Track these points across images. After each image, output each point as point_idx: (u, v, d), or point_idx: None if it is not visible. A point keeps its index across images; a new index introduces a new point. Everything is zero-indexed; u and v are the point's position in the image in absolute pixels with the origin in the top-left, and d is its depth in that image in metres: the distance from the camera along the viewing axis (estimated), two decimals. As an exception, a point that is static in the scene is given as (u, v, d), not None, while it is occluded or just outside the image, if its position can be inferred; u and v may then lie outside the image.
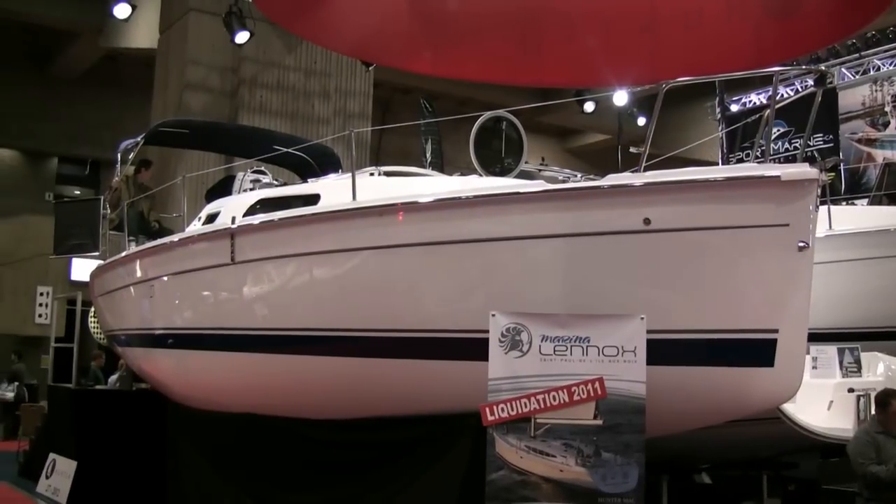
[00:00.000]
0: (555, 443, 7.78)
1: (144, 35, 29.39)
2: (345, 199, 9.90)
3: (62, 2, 30.66)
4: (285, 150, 14.84)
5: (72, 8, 30.65)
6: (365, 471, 10.00)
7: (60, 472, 15.17)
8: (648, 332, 7.81)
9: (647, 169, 8.36)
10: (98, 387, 18.94)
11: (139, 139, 15.38)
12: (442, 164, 16.78)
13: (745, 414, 8.50)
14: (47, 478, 15.54)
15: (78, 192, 37.91)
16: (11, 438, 24.50)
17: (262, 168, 14.07)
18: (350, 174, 10.23)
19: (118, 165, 15.67)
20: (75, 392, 16.50)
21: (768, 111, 9.30)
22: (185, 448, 13.31)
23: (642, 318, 7.83)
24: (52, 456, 15.77)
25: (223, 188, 14.60)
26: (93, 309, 19.08)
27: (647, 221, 8.01)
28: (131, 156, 15.56)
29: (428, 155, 17.75)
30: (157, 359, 13.37)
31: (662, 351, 7.95)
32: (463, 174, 11.73)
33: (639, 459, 7.72)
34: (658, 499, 10.64)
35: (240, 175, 13.84)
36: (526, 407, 7.80)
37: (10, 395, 26.74)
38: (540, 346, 7.91)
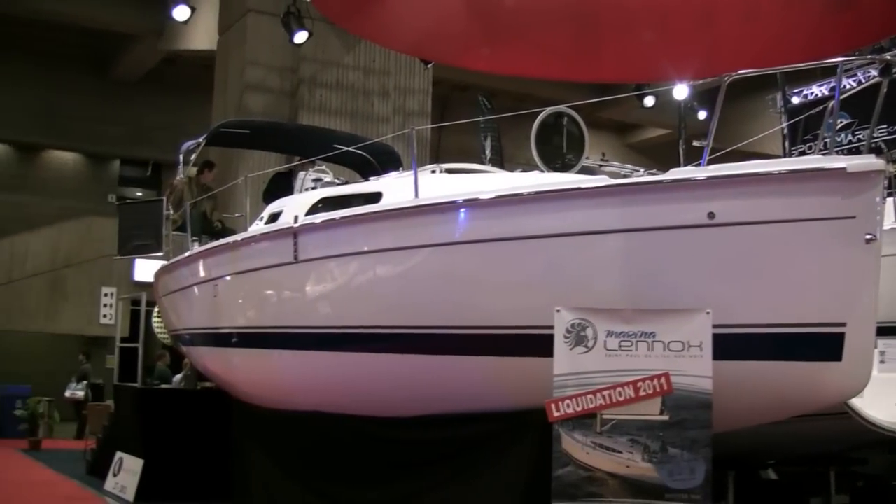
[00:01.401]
0: (621, 439, 7.74)
1: (203, 37, 29.66)
2: (407, 196, 9.92)
3: (122, 5, 31.04)
4: (346, 148, 14.87)
5: (131, 11, 31.03)
6: (429, 468, 10.01)
7: (127, 470, 15.33)
8: (714, 326, 7.74)
9: (709, 163, 8.29)
10: (163, 386, 19.12)
11: (201, 140, 15.49)
12: (502, 161, 16.73)
13: (813, 409, 8.40)
14: (114, 476, 15.72)
15: (140, 194, 38.39)
16: (79, 437, 24.89)
17: (324, 167, 14.11)
18: (411, 172, 10.25)
19: (180, 166, 15.80)
20: (141, 391, 16.74)
21: (832, 103, 9.19)
22: (250, 446, 13.39)
23: (708, 313, 7.76)
24: (118, 454, 15.94)
25: (278, 186, 14.70)
26: (156, 309, 19.24)
27: (711, 215, 7.93)
28: (193, 156, 15.67)
29: (487, 152, 17.72)
30: (221, 358, 13.47)
31: (728, 346, 7.87)
32: (524, 170, 11.68)
33: (705, 455, 7.66)
34: (724, 495, 10.56)
35: (301, 174, 13.88)
36: (592, 403, 7.77)
37: (80, 393, 27.10)
38: (605, 342, 7.87)
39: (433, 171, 11.52)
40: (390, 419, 10.42)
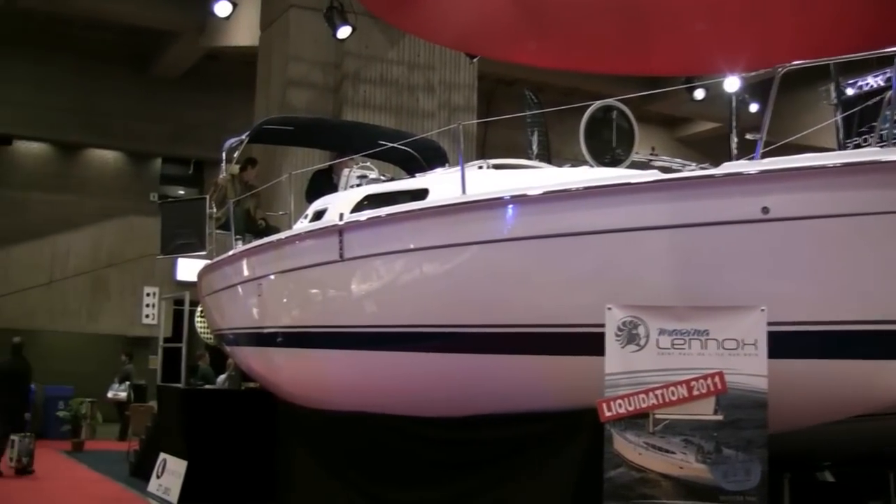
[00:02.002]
0: (674, 439, 7.71)
1: (245, 33, 29.76)
2: (454, 193, 9.95)
3: (163, 2, 31.23)
4: (391, 144, 14.94)
5: (172, 8, 31.19)
6: (478, 469, 10.03)
7: (171, 472, 15.42)
8: (769, 324, 7.70)
9: (762, 157, 8.25)
10: (207, 386, 19.22)
11: (243, 137, 15.54)
12: (549, 156, 16.71)
13: (873, 409, 8.33)
14: (158, 477, 15.81)
15: (182, 192, 38.58)
16: (122, 438, 25.09)
17: (369, 164, 14.14)
18: (458, 168, 10.27)
19: (223, 164, 15.84)
20: (185, 392, 16.82)
21: (889, 93, 9.11)
22: (295, 447, 13.47)
23: (763, 310, 7.71)
24: (162, 456, 16.03)
25: (318, 184, 14.77)
26: (200, 308, 19.35)
27: (765, 210, 7.89)
28: (236, 154, 15.73)
29: (534, 147, 17.68)
30: (265, 357, 13.55)
31: (783, 343, 7.83)
32: (572, 165, 11.67)
33: (761, 456, 7.62)
34: (780, 497, 10.47)
35: (345, 171, 13.92)
36: (644, 402, 7.75)
37: (123, 394, 27.24)
38: (657, 340, 7.84)
39: (480, 167, 11.51)
40: (438, 419, 10.46)
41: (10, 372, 19.13)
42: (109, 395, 27.44)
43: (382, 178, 13.67)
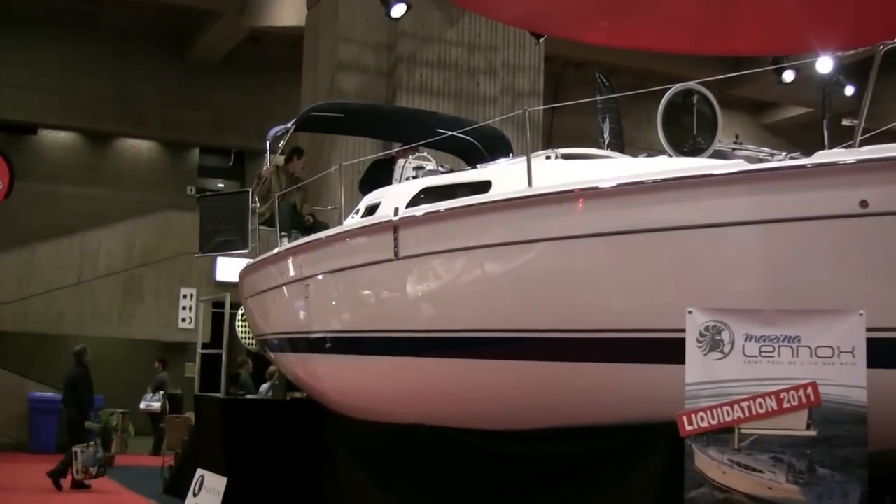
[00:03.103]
0: (762, 456, 7.66)
1: (290, 12, 29.90)
2: (519, 185, 9.97)
3: (200, -21, 31.50)
4: (450, 133, 14.96)
5: (211, -14, 31.48)
6: (545, 487, 10.02)
7: (209, 490, 15.44)
8: (868, 329, 7.63)
9: (860, 145, 8.18)
10: (249, 396, 19.34)
11: (289, 125, 15.63)
12: (622, 145, 16.66)
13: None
14: (195, 495, 15.84)
15: (222, 185, 38.93)
16: (156, 453, 25.31)
17: (425, 153, 14.17)
18: (523, 158, 10.27)
19: (267, 155, 15.95)
20: (225, 402, 16.81)
21: None
22: (346, 463, 13.53)
23: (861, 314, 7.64)
24: (199, 472, 16.07)
25: (377, 176, 14.79)
26: (240, 311, 19.49)
27: (863, 204, 7.82)
28: (281, 144, 15.83)
29: (606, 135, 17.61)
30: (313, 365, 13.64)
31: (885, 351, 7.76)
32: (649, 155, 11.63)
33: (860, 476, 7.54)
34: (880, 521, 10.40)
35: (400, 162, 13.97)
36: (729, 415, 7.71)
37: (157, 405, 27.39)
38: (743, 347, 7.80)
39: (548, 157, 11.50)
40: (501, 433, 10.47)
41: (70, 383, 20.45)
42: (142, 405, 27.59)
43: (441, 169, 13.68)
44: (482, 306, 10.19)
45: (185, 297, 29.74)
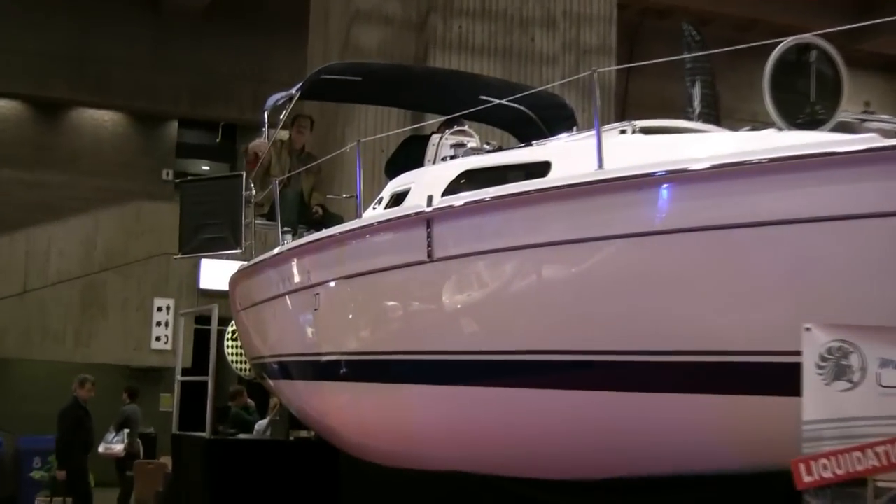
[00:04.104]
0: (904, 517, 7.66)
1: (293, -53, 30.02)
2: (586, 167, 9.91)
3: None
4: (497, 101, 14.95)
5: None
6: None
7: (192, 556, 15.59)
8: None
9: None
10: (242, 436, 19.42)
11: (293, 92, 15.63)
12: (718, 116, 16.65)
13: None
14: (174, 564, 16.00)
15: (207, 168, 39.07)
16: (123, 506, 25.42)
17: (466, 128, 14.18)
18: (591, 132, 10.26)
19: (264, 129, 15.98)
20: (211, 443, 16.88)
21: None
22: (366, 519, 13.58)
23: None
24: (180, 533, 16.24)
25: (410, 156, 14.78)
26: (231, 328, 19.54)
27: None
28: (283, 115, 15.86)
29: (696, 103, 17.61)
30: (325, 396, 13.69)
31: None
32: (753, 128, 11.60)
33: None
34: None
35: (435, 138, 13.96)
36: (860, 463, 7.67)
37: (119, 447, 27.31)
38: (879, 375, 7.76)
39: (622, 131, 11.47)
40: (566, 483, 10.45)
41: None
42: (101, 449, 27.35)
43: (486, 147, 13.69)
44: (540, 322, 10.18)
45: (159, 310, 29.87)
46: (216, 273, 25.54)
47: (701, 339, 9.13)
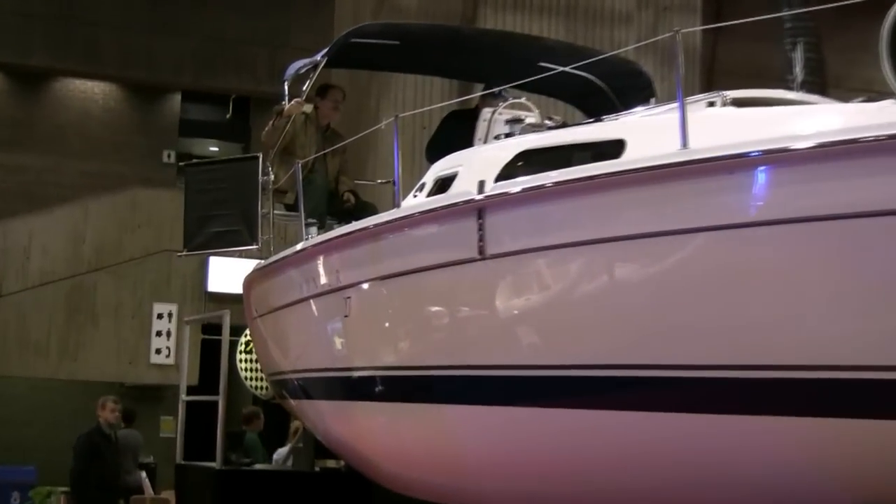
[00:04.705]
0: None
1: None
2: (668, 146, 9.89)
3: None
4: (560, 68, 14.92)
5: None
6: None
7: None
8: None
9: None
10: (259, 466, 19.47)
11: (318, 58, 15.65)
12: (824, 84, 16.61)
13: None
14: None
15: (216, 150, 39.07)
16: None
17: (524, 100, 14.17)
18: (674, 105, 10.24)
19: (284, 102, 15.98)
20: (223, 475, 16.91)
21: None
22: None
23: None
24: (186, 580, 16.29)
25: (456, 134, 14.75)
26: (244, 338, 19.58)
27: None
28: (306, 87, 15.86)
29: (798, 70, 17.57)
30: (356, 418, 13.72)
31: None
32: (869, 99, 11.55)
33: None
34: None
35: (486, 113, 13.95)
36: None
37: (114, 479, 27.50)
38: None
39: (710, 103, 11.44)
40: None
41: None
42: (94, 480, 27.70)
43: (548, 123, 13.66)
44: (613, 330, 10.15)
45: (160, 317, 29.87)
46: (227, 273, 25.62)
47: (808, 351, 9.07)
